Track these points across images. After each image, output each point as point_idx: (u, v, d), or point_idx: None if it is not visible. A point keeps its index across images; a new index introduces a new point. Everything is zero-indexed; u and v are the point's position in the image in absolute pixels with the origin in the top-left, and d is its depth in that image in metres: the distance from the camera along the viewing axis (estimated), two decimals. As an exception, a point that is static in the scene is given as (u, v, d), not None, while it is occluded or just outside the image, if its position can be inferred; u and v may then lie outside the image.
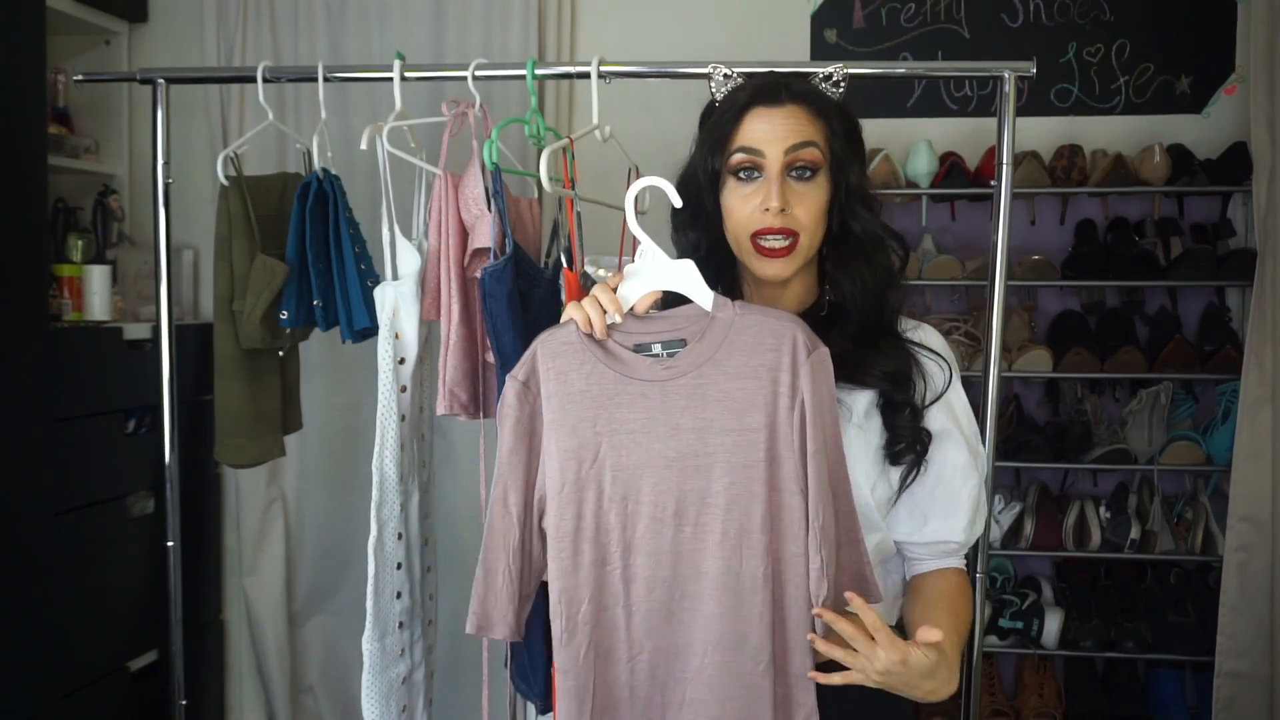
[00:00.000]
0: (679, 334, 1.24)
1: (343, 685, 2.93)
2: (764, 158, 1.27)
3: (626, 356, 1.24)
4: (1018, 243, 2.64)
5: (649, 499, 1.21)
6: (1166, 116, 2.74)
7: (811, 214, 1.27)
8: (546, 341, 1.26)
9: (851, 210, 1.31)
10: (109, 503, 2.51)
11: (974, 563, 1.83)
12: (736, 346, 1.22)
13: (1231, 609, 2.54)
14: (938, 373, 1.33)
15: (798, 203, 1.27)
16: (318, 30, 2.83)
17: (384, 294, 1.77)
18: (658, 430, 1.21)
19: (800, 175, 1.27)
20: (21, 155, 2.20)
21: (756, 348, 1.21)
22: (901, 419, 1.29)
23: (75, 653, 2.38)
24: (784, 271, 1.29)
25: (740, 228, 1.29)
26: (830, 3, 2.83)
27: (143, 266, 2.80)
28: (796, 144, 1.26)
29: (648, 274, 1.27)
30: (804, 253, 1.29)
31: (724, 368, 1.21)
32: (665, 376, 1.22)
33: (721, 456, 1.20)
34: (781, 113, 1.28)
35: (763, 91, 1.29)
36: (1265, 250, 2.51)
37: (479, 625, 1.25)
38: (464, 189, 1.75)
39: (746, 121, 1.28)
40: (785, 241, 1.27)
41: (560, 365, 1.24)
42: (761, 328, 1.22)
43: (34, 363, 2.21)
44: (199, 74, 2.68)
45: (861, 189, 1.32)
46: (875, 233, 1.32)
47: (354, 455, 2.80)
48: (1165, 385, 2.64)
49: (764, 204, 1.26)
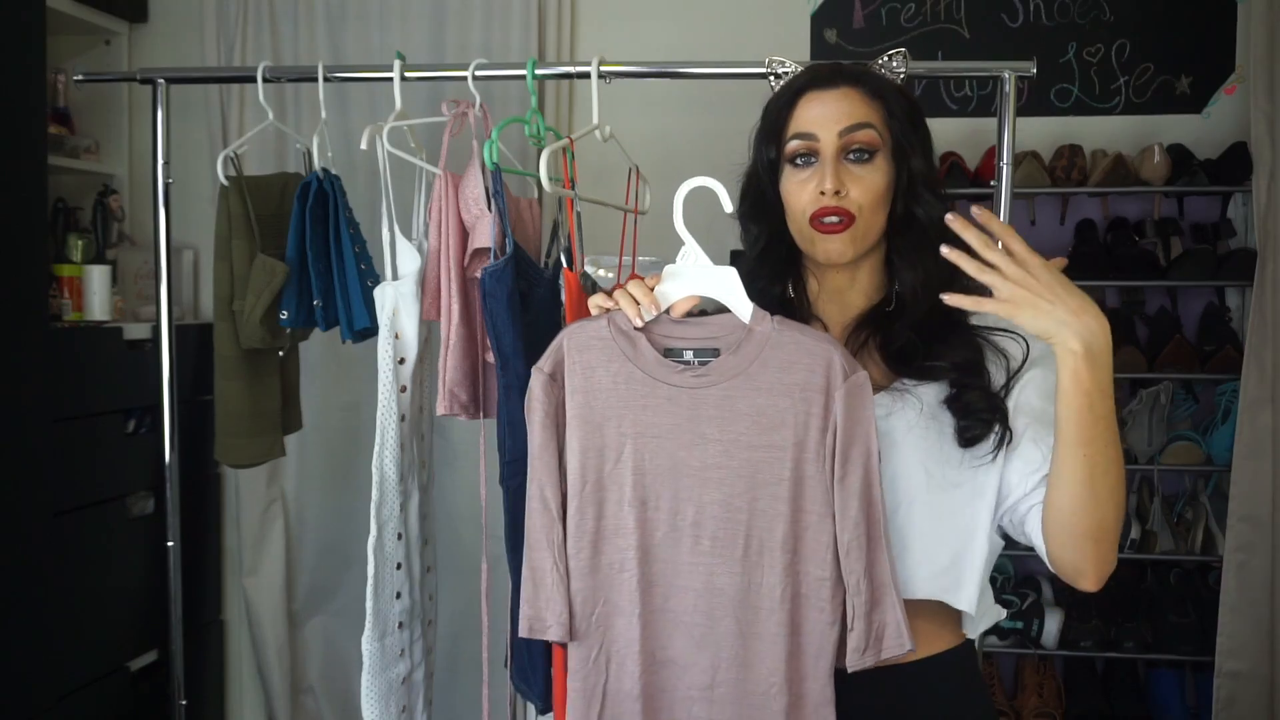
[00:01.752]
0: (713, 343, 1.22)
1: (342, 685, 2.93)
2: (818, 141, 1.24)
3: (657, 359, 1.21)
4: (1018, 243, 2.63)
5: (669, 506, 1.19)
6: (1166, 116, 2.74)
7: (870, 196, 1.23)
8: (575, 334, 1.23)
9: (915, 195, 1.26)
10: (109, 503, 2.51)
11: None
12: (771, 363, 1.18)
13: (1231, 609, 2.54)
14: (1014, 346, 1.25)
15: (854, 184, 1.23)
16: (318, 30, 2.83)
17: (384, 294, 1.77)
18: (683, 438, 1.19)
19: (858, 158, 1.24)
20: (21, 155, 2.20)
21: (791, 366, 1.18)
22: (974, 403, 1.20)
23: (75, 653, 2.38)
24: (843, 250, 1.24)
25: (799, 213, 1.26)
26: (830, 3, 2.83)
27: (143, 266, 2.80)
28: (851, 125, 1.23)
29: (688, 277, 1.24)
30: (864, 234, 1.24)
31: (756, 382, 1.18)
32: (695, 384, 1.20)
33: (746, 471, 1.17)
34: (835, 95, 1.25)
35: (817, 76, 1.27)
36: (1265, 250, 2.51)
37: (531, 627, 1.22)
38: (464, 189, 1.75)
39: (800, 106, 1.26)
40: (841, 220, 1.23)
41: (587, 360, 1.21)
42: (798, 346, 1.18)
43: (34, 363, 2.21)
44: (199, 74, 2.68)
45: (926, 173, 1.27)
46: (940, 219, 1.21)
47: (354, 455, 2.80)
48: (1165, 385, 2.64)
49: (819, 186, 1.22)
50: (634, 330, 1.22)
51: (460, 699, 2.72)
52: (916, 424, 1.22)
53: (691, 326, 1.23)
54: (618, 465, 1.20)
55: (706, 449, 1.18)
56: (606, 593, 1.20)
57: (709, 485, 1.18)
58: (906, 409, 1.23)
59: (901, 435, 1.22)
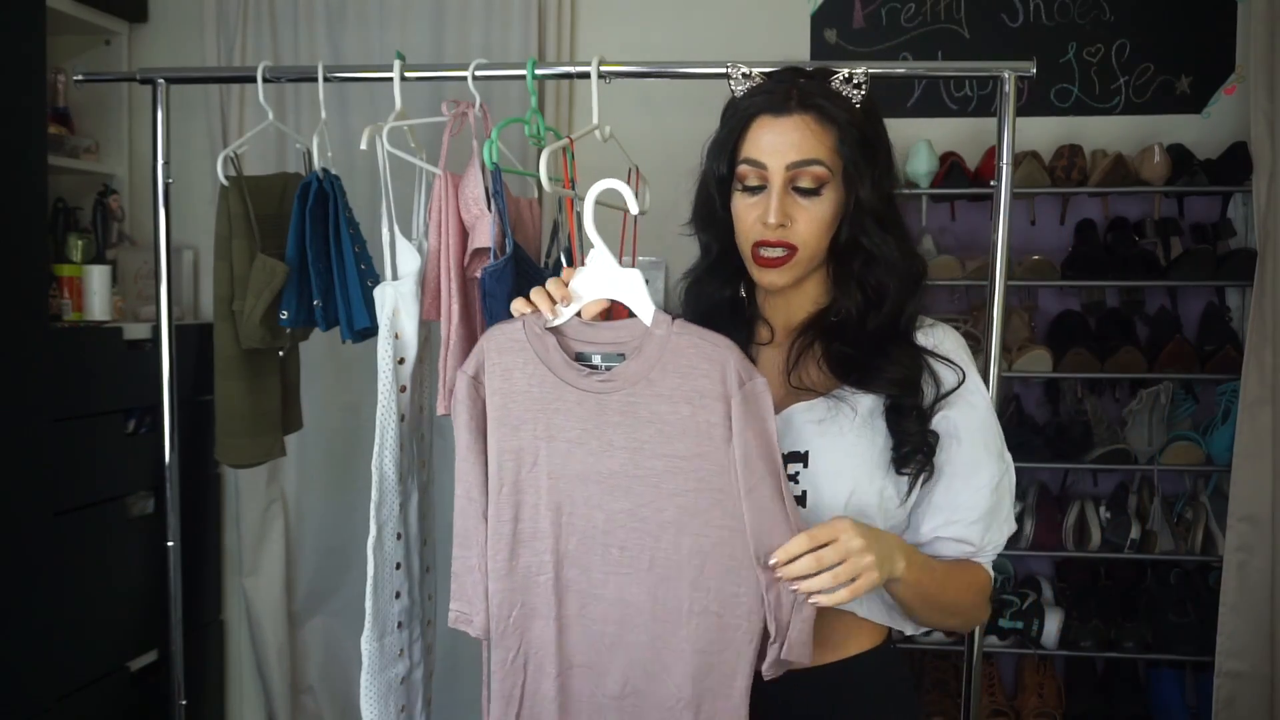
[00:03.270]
0: (620, 347, 1.21)
1: (342, 685, 2.93)
2: (767, 170, 1.24)
3: (566, 362, 1.21)
4: (1018, 243, 2.63)
5: (582, 513, 1.19)
6: (1166, 116, 2.74)
7: (813, 229, 1.25)
8: (494, 336, 1.24)
9: (861, 224, 1.26)
10: (109, 503, 2.51)
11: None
12: (670, 367, 1.17)
13: (1231, 609, 2.54)
14: (949, 374, 1.30)
15: (799, 216, 1.24)
16: (318, 30, 2.83)
17: (384, 294, 1.77)
18: (591, 444, 1.18)
19: (804, 193, 1.24)
20: (21, 155, 2.20)
21: (689, 371, 1.16)
22: (907, 423, 1.25)
23: (75, 653, 2.38)
24: (779, 281, 1.27)
25: (744, 237, 1.28)
26: (830, 3, 2.82)
27: (143, 266, 2.80)
28: (798, 161, 1.23)
29: (595, 279, 1.24)
30: (802, 265, 1.27)
31: (657, 388, 1.17)
32: (600, 389, 1.19)
33: (651, 481, 1.16)
34: (788, 124, 1.24)
35: (771, 99, 1.26)
36: (1265, 250, 2.51)
37: (456, 619, 1.26)
38: (464, 189, 1.75)
39: (752, 131, 1.26)
40: (783, 253, 1.25)
41: (505, 361, 1.22)
42: (696, 351, 1.16)
43: (34, 363, 2.21)
44: (199, 74, 2.68)
45: (875, 204, 1.26)
46: (885, 253, 1.27)
47: (354, 455, 2.80)
48: (1165, 385, 2.64)
49: (763, 217, 1.24)
50: (547, 333, 1.22)
51: (460, 699, 2.72)
52: (849, 431, 1.25)
53: (601, 330, 1.23)
54: (534, 469, 1.20)
55: (614, 456, 1.17)
56: (524, 595, 1.21)
57: (617, 494, 1.17)
58: (841, 416, 1.25)
59: (833, 441, 1.25)
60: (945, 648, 2.70)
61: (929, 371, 1.28)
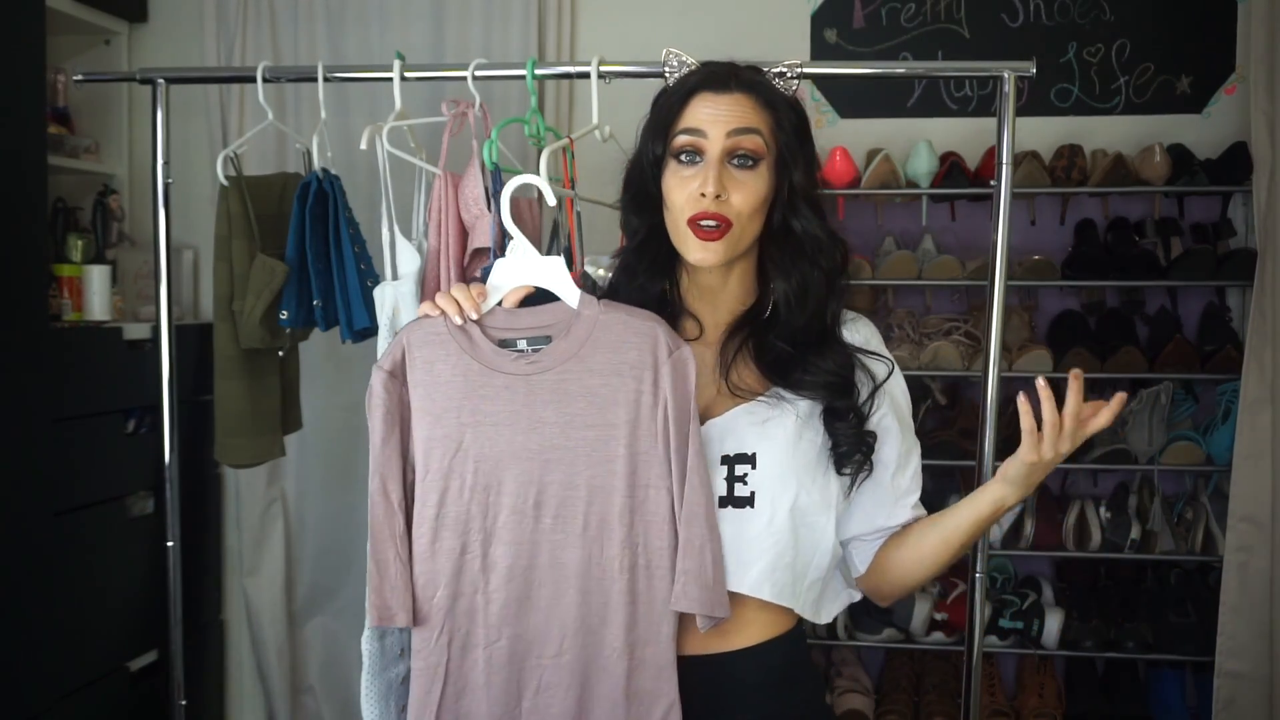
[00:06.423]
0: (545, 331, 1.28)
1: (342, 685, 2.93)
2: (705, 138, 1.26)
3: (493, 350, 1.27)
4: (1018, 243, 2.63)
5: (510, 490, 1.25)
6: (1166, 116, 2.74)
7: (749, 203, 1.26)
8: (414, 330, 1.29)
9: (794, 207, 1.29)
10: (109, 503, 2.51)
11: (974, 563, 1.83)
12: (601, 344, 1.25)
13: (1231, 609, 2.54)
14: (879, 366, 1.34)
15: (735, 190, 1.25)
16: (318, 30, 2.83)
17: (384, 294, 1.78)
18: (520, 424, 1.25)
19: (741, 164, 1.26)
20: (21, 155, 2.20)
21: (620, 345, 1.25)
22: (845, 425, 1.29)
23: (75, 653, 2.38)
24: (711, 258, 1.27)
25: (678, 211, 1.28)
26: (830, 3, 2.82)
27: (143, 266, 2.80)
28: (739, 128, 1.25)
29: (517, 268, 1.30)
30: (735, 242, 1.27)
31: (588, 364, 1.25)
32: (529, 371, 1.26)
33: (584, 450, 1.24)
34: (728, 99, 1.27)
35: (711, 77, 1.29)
36: (1265, 250, 2.51)
37: (380, 616, 1.27)
38: (464, 189, 1.75)
39: (692, 105, 1.28)
40: (717, 225, 1.25)
41: (428, 355, 1.27)
42: (625, 327, 1.25)
43: (34, 363, 2.21)
44: (199, 74, 2.68)
45: (806, 188, 1.29)
46: (816, 234, 1.29)
47: (354, 455, 2.80)
48: (1165, 385, 2.63)
49: (700, 188, 1.25)
50: (470, 324, 1.28)
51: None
52: (792, 430, 1.28)
53: (524, 316, 1.29)
54: (459, 454, 1.25)
55: (544, 431, 1.24)
56: (448, 577, 1.26)
57: (549, 466, 1.24)
58: (784, 416, 1.28)
59: (778, 444, 1.27)
60: (945, 648, 2.70)
61: (861, 368, 1.32)
